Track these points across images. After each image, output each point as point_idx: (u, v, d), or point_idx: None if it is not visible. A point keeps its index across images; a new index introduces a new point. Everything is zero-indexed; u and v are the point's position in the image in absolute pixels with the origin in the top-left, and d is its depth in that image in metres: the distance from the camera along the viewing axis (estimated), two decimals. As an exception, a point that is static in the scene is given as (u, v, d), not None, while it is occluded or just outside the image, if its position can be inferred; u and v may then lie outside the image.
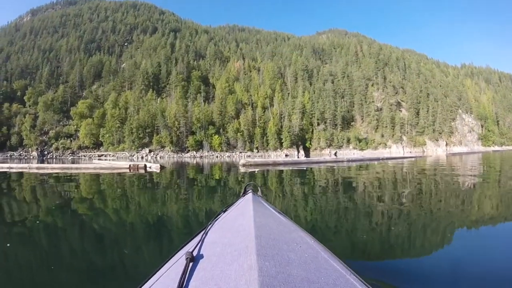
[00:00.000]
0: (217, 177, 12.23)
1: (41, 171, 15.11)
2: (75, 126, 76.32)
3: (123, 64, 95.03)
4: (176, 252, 1.25)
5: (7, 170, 16.48)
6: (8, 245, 3.25)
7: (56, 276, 2.48)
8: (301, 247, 1.08)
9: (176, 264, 1.05)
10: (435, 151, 79.47)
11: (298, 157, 56.37)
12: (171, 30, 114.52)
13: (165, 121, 72.00)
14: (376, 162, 21.86)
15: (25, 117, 75.73)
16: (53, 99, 79.77)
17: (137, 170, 14.49)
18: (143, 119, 72.23)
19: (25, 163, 31.80)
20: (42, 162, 36.98)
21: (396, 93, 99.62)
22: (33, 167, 17.23)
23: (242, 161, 18.28)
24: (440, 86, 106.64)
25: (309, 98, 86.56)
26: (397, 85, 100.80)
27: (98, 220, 4.50)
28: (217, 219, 1.59)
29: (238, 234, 1.13)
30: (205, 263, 0.92)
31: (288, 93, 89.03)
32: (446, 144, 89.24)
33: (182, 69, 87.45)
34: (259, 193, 2.53)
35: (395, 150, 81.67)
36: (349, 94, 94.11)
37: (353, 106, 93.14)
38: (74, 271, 2.54)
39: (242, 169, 15.15)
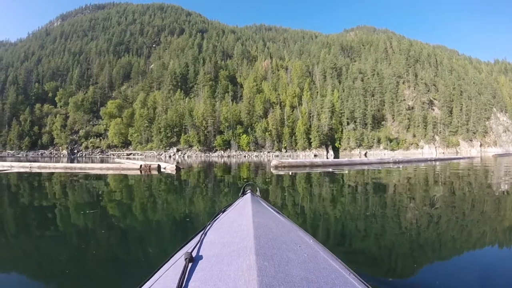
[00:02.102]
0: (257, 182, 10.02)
1: (43, 171, 13.93)
2: (105, 126, 78.24)
3: (152, 65, 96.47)
4: (175, 253, 1.25)
5: (7, 169, 15.22)
6: None
7: (55, 276, 2.49)
8: (300, 247, 1.07)
9: (175, 264, 1.04)
10: (469, 152, 75.57)
11: (327, 157, 54.74)
12: (198, 31, 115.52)
13: (193, 121, 71.90)
14: (423, 164, 19.38)
15: (56, 117, 78.42)
16: (83, 100, 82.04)
17: (149, 171, 12.92)
18: (171, 119, 72.60)
19: (55, 161, 31.96)
20: (72, 160, 37.71)
21: (428, 91, 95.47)
22: (34, 166, 15.68)
23: (274, 162, 15.69)
24: (474, 83, 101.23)
25: (338, 97, 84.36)
26: (429, 82, 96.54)
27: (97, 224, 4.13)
28: (216, 220, 1.58)
29: (237, 234, 1.12)
30: (204, 264, 0.92)
31: (317, 92, 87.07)
32: (481, 145, 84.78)
33: (209, 69, 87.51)
34: (258, 193, 2.52)
35: (427, 150, 78.08)
36: (380, 92, 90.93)
37: (384, 105, 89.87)
38: (73, 271, 2.49)
39: (274, 171, 13.29)
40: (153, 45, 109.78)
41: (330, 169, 13.91)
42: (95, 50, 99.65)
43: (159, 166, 13.40)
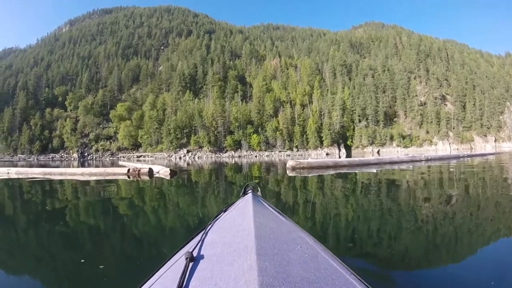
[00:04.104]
0: (271, 187, 7.85)
1: (21, 176, 12.77)
2: (115, 128, 78.71)
3: (160, 67, 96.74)
4: (176, 252, 1.24)
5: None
6: None
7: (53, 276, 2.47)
8: (301, 247, 1.07)
9: (176, 264, 1.04)
10: (484, 147, 73.75)
11: (339, 156, 53.73)
12: (205, 31, 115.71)
13: (203, 121, 71.71)
14: (455, 161, 17.98)
15: (66, 120, 79.23)
16: (92, 103, 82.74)
17: (139, 176, 11.00)
18: (181, 120, 72.55)
19: (66, 165, 31.61)
20: (83, 163, 37.48)
21: (440, 86, 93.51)
22: (12, 171, 14.28)
23: (290, 163, 13.00)
24: (486, 77, 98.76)
25: (349, 94, 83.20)
26: (441, 77, 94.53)
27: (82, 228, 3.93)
28: (217, 219, 1.58)
29: (238, 234, 1.12)
30: (205, 263, 0.92)
31: (327, 90, 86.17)
32: (495, 140, 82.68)
33: (218, 69, 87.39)
34: (259, 193, 2.49)
35: (441, 147, 76.39)
36: (391, 88, 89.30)
37: (395, 101, 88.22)
38: (72, 272, 2.48)
39: (291, 173, 11.28)
40: (161, 47, 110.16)
41: (357, 170, 12.26)
42: (103, 54, 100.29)
43: (150, 170, 11.57)
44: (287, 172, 11.89)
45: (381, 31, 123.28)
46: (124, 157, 65.20)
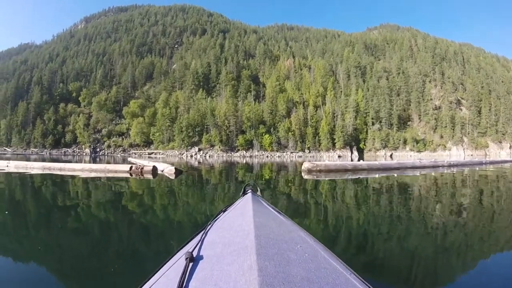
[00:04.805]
0: (282, 190, 7.42)
1: (20, 170, 12.48)
2: (127, 125, 79.31)
3: (174, 65, 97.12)
4: (176, 253, 1.25)
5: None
6: None
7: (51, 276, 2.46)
8: (301, 247, 1.07)
9: (176, 264, 1.05)
10: (499, 154, 72.13)
11: (351, 159, 53.15)
12: (220, 31, 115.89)
13: (215, 120, 71.73)
14: (477, 168, 16.67)
15: (79, 116, 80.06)
16: (106, 100, 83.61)
17: (141, 174, 10.49)
18: (193, 118, 72.73)
19: (78, 159, 31.80)
20: (94, 159, 38.26)
21: (456, 90, 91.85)
22: (11, 165, 13.89)
23: (306, 165, 12.19)
24: (502, 82, 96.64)
25: (363, 96, 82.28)
26: (456, 81, 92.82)
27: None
28: (216, 219, 1.59)
29: (238, 234, 1.12)
30: (205, 263, 0.92)
31: (341, 91, 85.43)
32: (510, 147, 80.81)
33: (231, 69, 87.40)
34: (259, 193, 2.50)
35: (455, 152, 74.83)
36: (405, 91, 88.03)
37: (410, 104, 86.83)
38: (71, 272, 2.51)
39: (306, 176, 10.57)
40: (175, 46, 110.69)
41: (377, 174, 11.44)
42: (118, 51, 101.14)
43: (154, 168, 11.00)
44: (302, 174, 11.21)
45: (396, 33, 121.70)
46: (135, 154, 65.71)
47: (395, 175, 11.34)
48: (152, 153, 68.81)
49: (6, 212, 4.61)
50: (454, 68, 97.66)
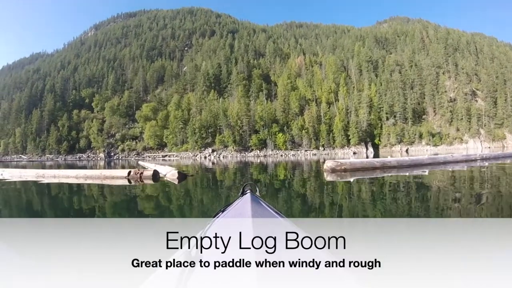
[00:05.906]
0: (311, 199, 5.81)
1: (13, 179, 11.62)
2: (140, 129, 80.00)
3: (185, 68, 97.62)
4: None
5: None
6: None
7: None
8: None
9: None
10: (516, 146, 70.18)
11: (367, 155, 52.38)
12: (228, 31, 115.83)
13: (228, 121, 71.61)
14: (509, 160, 16.00)
15: (92, 121, 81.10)
16: (119, 104, 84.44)
17: (141, 180, 9.05)
18: (206, 120, 72.80)
19: (93, 164, 31.99)
20: (109, 163, 38.63)
21: (470, 81, 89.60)
22: (6, 173, 13.20)
23: (329, 164, 10.75)
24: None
25: (376, 91, 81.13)
26: (470, 72, 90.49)
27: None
28: (215, 219, 1.60)
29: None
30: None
31: (353, 87, 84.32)
32: (528, 138, 78.53)
33: (242, 69, 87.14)
34: (258, 193, 2.50)
35: (473, 145, 72.82)
36: (419, 84, 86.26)
37: (424, 98, 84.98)
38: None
39: (330, 177, 9.31)
40: (185, 48, 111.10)
41: (407, 173, 10.22)
42: (128, 56, 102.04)
43: (155, 173, 9.68)
44: (325, 175, 9.97)
45: (407, 25, 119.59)
46: (149, 157, 66.12)
47: (426, 171, 10.20)
48: (166, 155, 69.01)
49: None
50: (467, 59, 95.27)
